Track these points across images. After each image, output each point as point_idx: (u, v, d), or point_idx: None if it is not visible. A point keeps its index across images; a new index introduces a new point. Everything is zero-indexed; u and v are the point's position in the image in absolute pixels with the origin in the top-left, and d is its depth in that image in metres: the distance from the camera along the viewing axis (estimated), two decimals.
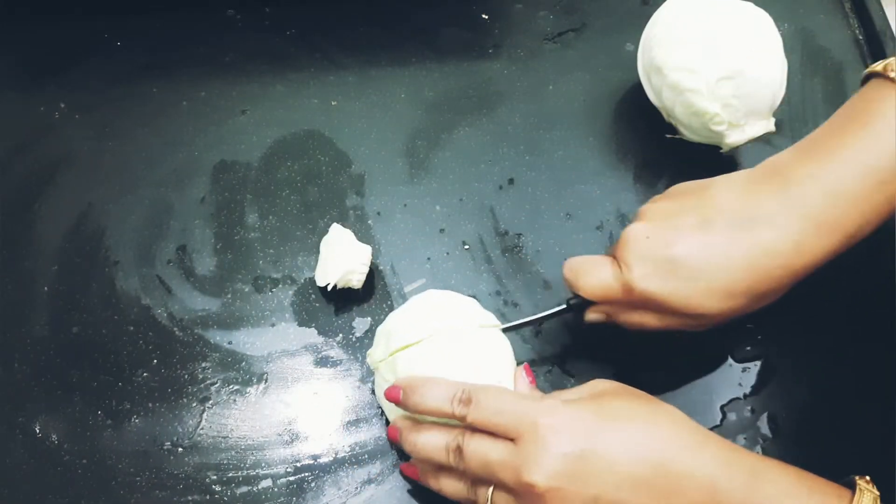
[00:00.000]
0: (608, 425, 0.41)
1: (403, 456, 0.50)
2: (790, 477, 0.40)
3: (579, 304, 0.50)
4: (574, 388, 0.46)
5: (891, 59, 0.45)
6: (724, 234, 0.45)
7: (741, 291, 0.45)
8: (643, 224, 0.47)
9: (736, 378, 0.54)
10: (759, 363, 0.54)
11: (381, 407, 0.52)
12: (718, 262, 0.44)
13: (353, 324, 0.56)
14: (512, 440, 0.41)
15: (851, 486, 0.40)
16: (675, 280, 0.45)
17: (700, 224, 0.45)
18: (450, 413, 0.43)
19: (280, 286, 0.57)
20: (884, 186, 0.43)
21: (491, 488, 0.42)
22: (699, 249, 0.45)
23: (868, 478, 0.40)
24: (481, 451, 0.42)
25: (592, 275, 0.48)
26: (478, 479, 0.43)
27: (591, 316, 0.50)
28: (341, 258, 0.55)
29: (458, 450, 0.43)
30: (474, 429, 0.43)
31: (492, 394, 0.43)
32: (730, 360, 0.54)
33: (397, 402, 0.46)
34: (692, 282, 0.45)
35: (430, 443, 0.45)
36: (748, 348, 0.55)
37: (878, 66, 0.46)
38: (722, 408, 0.53)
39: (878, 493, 0.39)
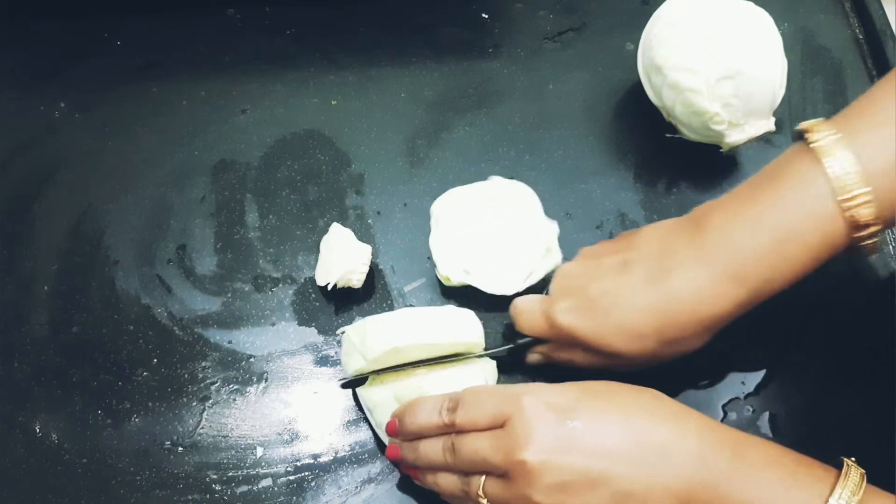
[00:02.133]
0: (592, 402, 0.42)
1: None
2: (775, 449, 0.41)
3: (527, 344, 0.52)
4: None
5: (816, 122, 0.44)
6: (638, 276, 0.46)
7: (649, 334, 0.46)
8: (574, 262, 0.50)
9: (736, 377, 0.54)
10: (759, 363, 0.54)
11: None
12: (628, 302, 0.46)
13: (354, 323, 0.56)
14: (500, 427, 0.42)
15: (838, 467, 0.40)
16: (591, 316, 0.47)
17: (620, 265, 0.47)
18: (440, 423, 0.44)
19: (280, 285, 0.57)
20: (784, 246, 0.44)
21: (483, 477, 0.43)
22: (614, 289, 0.46)
23: (854, 459, 0.41)
24: (471, 442, 0.43)
25: (527, 311, 0.50)
26: (471, 472, 0.44)
27: (531, 357, 0.52)
28: (341, 257, 0.55)
29: (452, 448, 0.44)
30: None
31: (475, 391, 0.44)
32: (730, 360, 0.54)
33: (397, 434, 0.48)
34: (604, 319, 0.46)
35: (428, 448, 0.46)
36: (748, 348, 0.54)
37: (805, 125, 0.45)
38: (722, 407, 0.53)
39: (864, 470, 0.40)
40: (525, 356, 0.52)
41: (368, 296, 0.57)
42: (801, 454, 0.41)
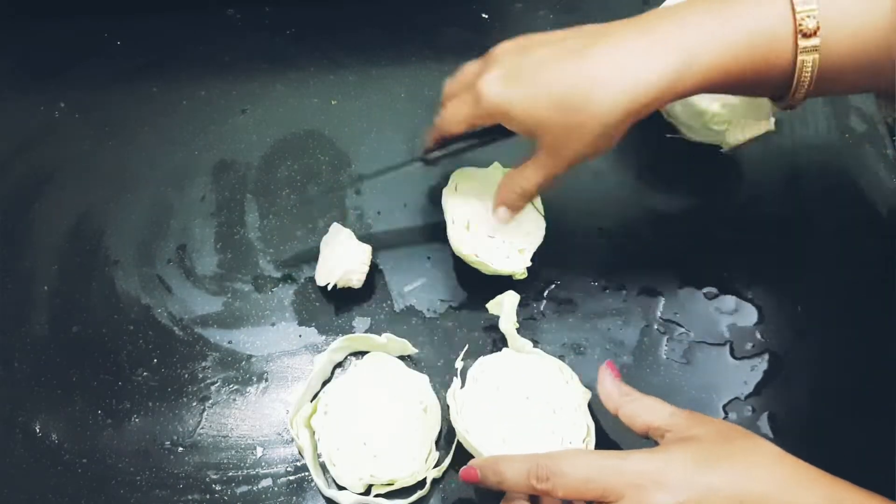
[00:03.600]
0: (706, 469, 0.39)
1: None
2: None
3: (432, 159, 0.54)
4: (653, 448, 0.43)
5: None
6: (574, 44, 0.46)
7: (560, 100, 0.45)
8: (511, 41, 0.49)
9: (736, 377, 0.54)
10: (759, 363, 0.54)
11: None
12: (555, 67, 0.45)
13: (354, 323, 0.56)
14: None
15: None
16: (515, 83, 0.46)
17: (558, 39, 0.47)
18: (534, 489, 0.41)
19: (280, 285, 0.57)
20: (729, 33, 0.44)
21: None
22: (546, 57, 0.46)
23: None
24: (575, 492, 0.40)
25: (451, 101, 0.51)
26: None
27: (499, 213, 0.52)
28: (341, 257, 0.55)
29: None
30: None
31: (572, 461, 0.41)
32: (731, 360, 0.54)
33: (476, 482, 0.44)
34: (528, 84, 0.46)
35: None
36: (749, 347, 0.54)
37: None
38: (723, 407, 0.53)
39: None
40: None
41: (368, 296, 0.57)
42: None
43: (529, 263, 0.54)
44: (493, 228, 0.55)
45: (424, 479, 0.49)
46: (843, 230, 0.59)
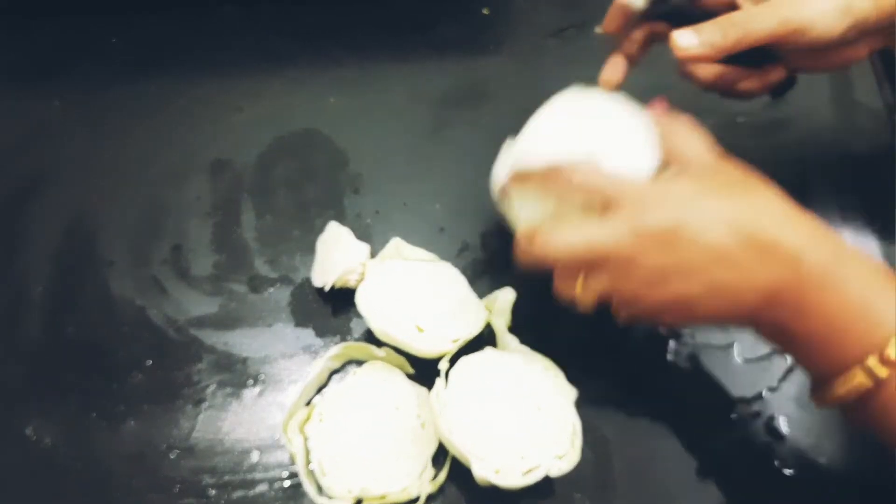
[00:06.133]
0: (706, 197, 0.42)
1: None
2: (873, 264, 0.41)
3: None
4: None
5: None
6: None
7: None
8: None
9: (744, 380, 0.53)
10: (767, 365, 0.53)
11: None
12: None
13: (351, 324, 0.55)
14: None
15: None
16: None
17: None
18: (549, 178, 0.45)
19: (277, 286, 0.57)
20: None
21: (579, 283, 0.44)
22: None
23: None
24: (566, 239, 0.43)
25: None
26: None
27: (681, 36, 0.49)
28: (339, 257, 0.54)
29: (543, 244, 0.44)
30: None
31: (587, 168, 0.44)
32: (737, 362, 0.53)
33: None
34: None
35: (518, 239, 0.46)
36: (756, 349, 0.54)
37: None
38: (726, 408, 0.52)
39: None
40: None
41: None
42: None
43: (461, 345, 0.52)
44: (424, 311, 0.52)
45: (418, 496, 0.48)
46: (847, 229, 0.58)
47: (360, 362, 0.53)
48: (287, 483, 0.50)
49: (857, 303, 0.39)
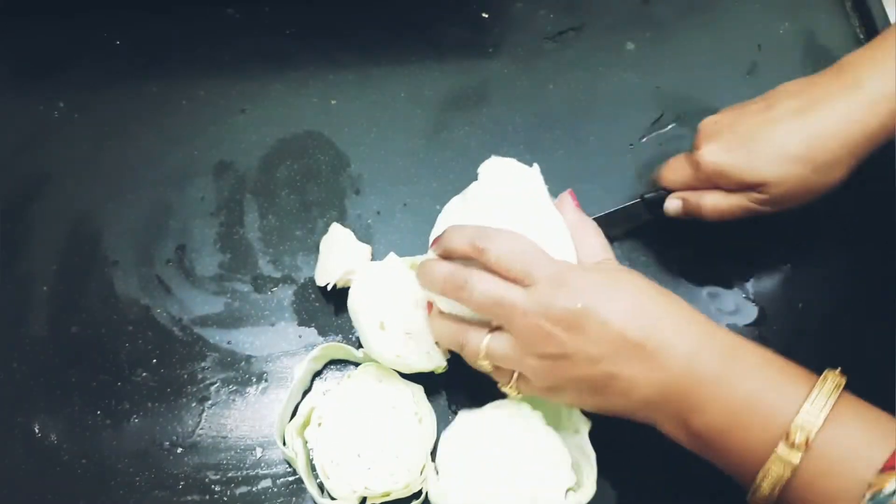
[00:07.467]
0: (609, 292, 0.43)
1: None
2: (765, 356, 0.43)
3: (653, 199, 0.55)
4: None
5: None
6: (786, 110, 0.50)
7: (800, 156, 0.49)
8: (715, 115, 0.53)
9: None
10: None
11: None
12: (777, 130, 0.49)
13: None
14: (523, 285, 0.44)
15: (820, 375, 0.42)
16: (738, 150, 0.50)
17: (764, 108, 0.51)
18: (469, 250, 0.45)
19: (280, 286, 0.57)
20: None
21: (487, 334, 0.45)
22: (761, 124, 0.50)
23: (840, 369, 0.42)
24: (491, 286, 0.44)
25: (670, 166, 0.54)
26: (482, 309, 0.45)
27: (671, 203, 0.54)
28: (341, 257, 0.55)
29: (465, 283, 0.45)
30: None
31: (510, 237, 0.45)
32: None
33: (434, 245, 0.48)
34: (754, 151, 0.49)
35: (441, 271, 0.46)
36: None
37: None
38: None
39: (842, 379, 0.41)
40: (650, 211, 0.56)
41: None
42: (789, 360, 0.43)
43: (449, 355, 0.51)
44: (409, 324, 0.52)
45: (420, 490, 0.49)
46: (845, 230, 0.59)
47: (348, 364, 0.54)
48: (291, 479, 0.51)
49: (757, 392, 0.41)
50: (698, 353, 0.42)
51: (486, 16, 0.68)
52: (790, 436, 0.39)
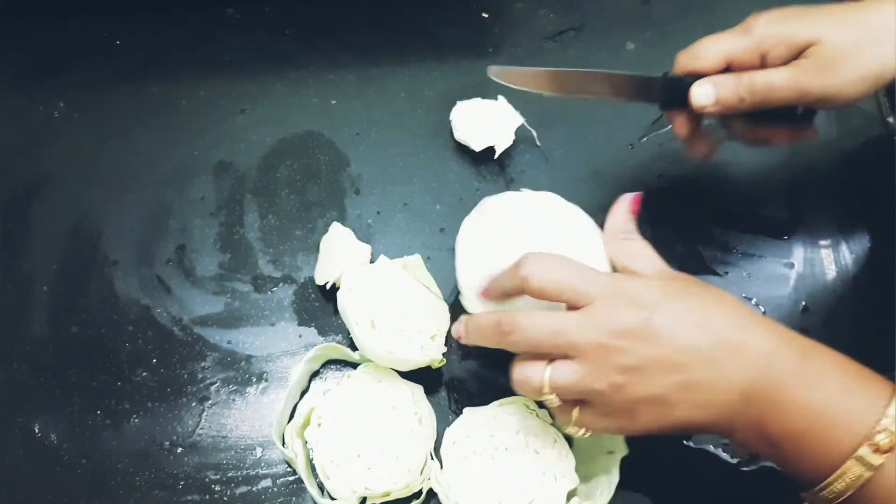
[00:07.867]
0: (673, 299, 0.42)
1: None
2: (839, 358, 0.42)
3: (674, 83, 0.50)
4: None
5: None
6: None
7: (851, 20, 0.47)
8: None
9: None
10: None
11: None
12: (832, 7, 0.48)
13: None
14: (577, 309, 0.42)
15: None
16: (790, 15, 0.48)
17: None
18: (518, 283, 0.43)
19: (280, 286, 0.57)
20: None
21: (548, 367, 0.42)
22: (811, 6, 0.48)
23: None
24: (542, 320, 0.42)
25: (702, 41, 0.50)
26: (539, 352, 0.43)
27: (699, 90, 0.49)
28: (341, 257, 0.55)
29: (515, 326, 0.43)
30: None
31: (552, 262, 0.43)
32: None
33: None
34: (804, 14, 0.48)
35: (487, 323, 0.45)
36: None
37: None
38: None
39: None
40: (665, 96, 0.52)
41: None
42: (864, 366, 0.42)
43: (445, 349, 0.52)
44: (401, 320, 0.52)
45: (420, 490, 0.49)
46: (843, 230, 0.59)
47: (347, 364, 0.54)
48: (291, 479, 0.51)
49: (836, 396, 0.40)
50: (776, 352, 0.41)
51: (486, 16, 0.68)
52: (874, 439, 0.38)
